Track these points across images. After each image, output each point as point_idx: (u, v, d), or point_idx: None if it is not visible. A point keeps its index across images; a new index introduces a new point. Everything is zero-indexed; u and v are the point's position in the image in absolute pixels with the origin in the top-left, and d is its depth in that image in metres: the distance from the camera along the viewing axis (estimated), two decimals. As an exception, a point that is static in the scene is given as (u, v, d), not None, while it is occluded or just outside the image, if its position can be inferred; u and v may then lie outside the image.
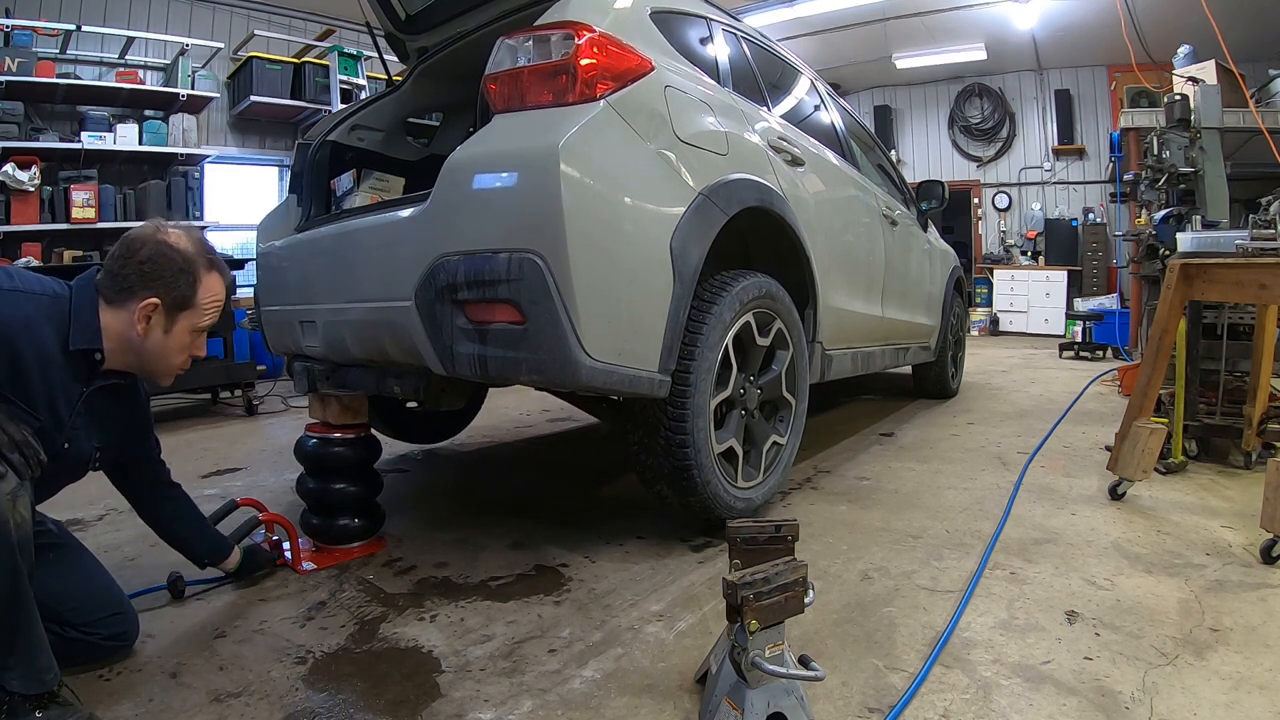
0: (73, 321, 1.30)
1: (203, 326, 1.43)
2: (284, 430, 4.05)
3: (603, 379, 1.63)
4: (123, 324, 1.34)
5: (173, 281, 1.35)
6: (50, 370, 1.27)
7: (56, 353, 1.28)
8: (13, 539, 1.10)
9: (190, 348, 1.43)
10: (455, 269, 1.63)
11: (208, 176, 6.31)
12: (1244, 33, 6.51)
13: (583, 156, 1.59)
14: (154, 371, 1.43)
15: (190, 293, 1.38)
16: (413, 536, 2.17)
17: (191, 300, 1.38)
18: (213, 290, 1.42)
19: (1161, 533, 2.07)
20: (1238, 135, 5.67)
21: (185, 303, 1.38)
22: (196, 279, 1.38)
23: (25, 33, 5.15)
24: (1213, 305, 2.95)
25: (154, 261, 1.34)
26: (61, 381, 1.30)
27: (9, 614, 1.12)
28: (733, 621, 1.11)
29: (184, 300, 1.37)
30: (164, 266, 1.35)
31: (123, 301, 1.33)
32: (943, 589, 1.71)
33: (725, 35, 2.45)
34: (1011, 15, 7.92)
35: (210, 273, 1.41)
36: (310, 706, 1.27)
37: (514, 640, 1.51)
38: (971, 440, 3.33)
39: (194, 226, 1.44)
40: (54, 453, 1.26)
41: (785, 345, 2.21)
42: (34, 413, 1.25)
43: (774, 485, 2.20)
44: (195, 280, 1.38)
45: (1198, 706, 1.21)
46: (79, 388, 1.35)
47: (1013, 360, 6.74)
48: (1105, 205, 9.27)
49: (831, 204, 2.70)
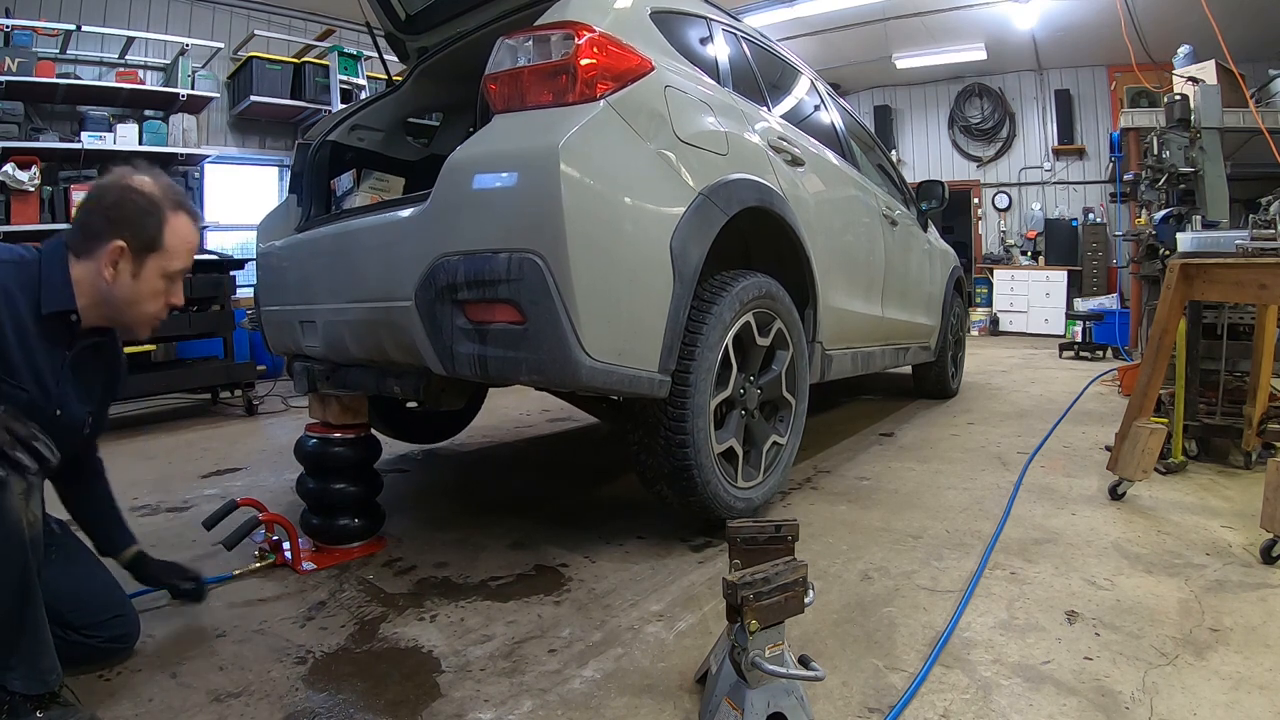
0: (43, 284, 1.27)
1: (174, 270, 1.37)
2: (284, 430, 4.05)
3: (603, 379, 1.63)
4: (93, 275, 1.30)
5: (139, 223, 1.31)
6: (28, 339, 1.25)
7: (31, 320, 1.26)
8: (25, 538, 1.10)
9: (165, 294, 1.38)
10: (455, 269, 1.63)
11: (208, 176, 6.31)
12: (1244, 33, 6.50)
13: (583, 156, 1.59)
14: (129, 322, 1.38)
15: (157, 233, 1.33)
16: (413, 536, 2.17)
17: (159, 241, 1.33)
18: (182, 232, 1.37)
19: (1161, 533, 2.07)
20: (1238, 135, 5.67)
21: (153, 244, 1.33)
22: (163, 219, 1.34)
23: (25, 33, 5.15)
24: (1213, 305, 2.95)
25: (119, 205, 1.31)
26: (42, 349, 1.28)
27: (18, 613, 1.12)
28: (733, 621, 1.11)
29: (151, 241, 1.33)
30: (129, 209, 1.32)
31: (91, 251, 1.30)
32: (943, 589, 1.71)
33: (725, 35, 2.45)
34: (1011, 15, 7.92)
35: (178, 214, 1.36)
36: (310, 706, 1.27)
37: (514, 640, 1.51)
38: (971, 440, 3.33)
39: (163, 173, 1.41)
40: (47, 423, 1.23)
41: (785, 345, 2.21)
42: (20, 386, 1.23)
43: (774, 485, 2.20)
44: (162, 221, 1.34)
45: (1198, 706, 1.21)
46: (61, 353, 1.32)
47: (1013, 360, 6.74)
48: (1105, 205, 9.27)
49: (831, 204, 2.70)
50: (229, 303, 4.69)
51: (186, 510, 2.50)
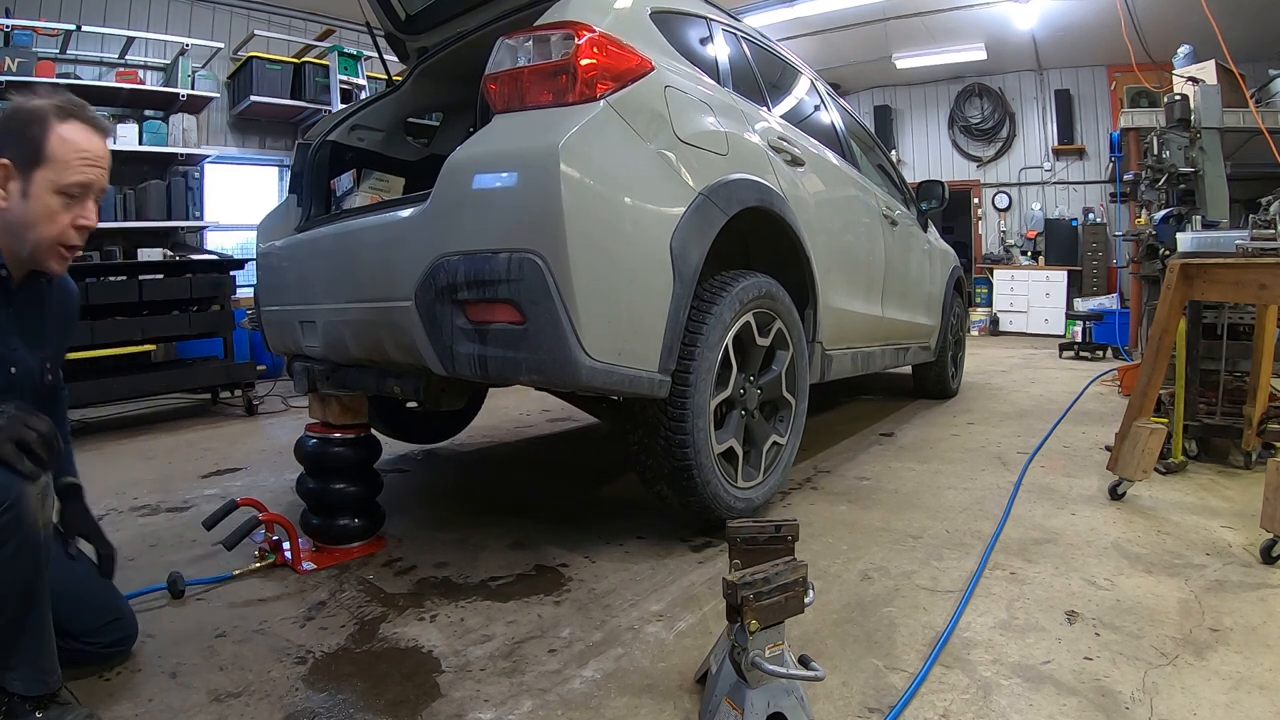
0: None
1: (68, 183, 1.23)
2: (284, 430, 4.04)
3: (603, 379, 1.63)
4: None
5: (19, 135, 1.21)
6: None
7: None
8: (40, 538, 1.10)
9: (65, 213, 1.24)
10: (455, 269, 1.63)
11: (208, 176, 6.31)
12: (1244, 33, 6.50)
13: (583, 156, 1.59)
14: (34, 252, 1.25)
15: (40, 143, 1.20)
16: (413, 536, 2.17)
17: (42, 153, 1.21)
18: (73, 140, 1.23)
19: (1161, 533, 2.07)
20: (1238, 135, 5.66)
21: (36, 156, 1.20)
22: (46, 128, 1.21)
23: (25, 33, 5.15)
24: (1213, 305, 2.95)
25: (3, 125, 1.23)
26: None
27: (25, 614, 1.11)
28: (733, 621, 1.11)
29: (34, 154, 1.20)
30: (10, 124, 1.22)
31: None
32: (943, 589, 1.71)
33: (725, 35, 2.45)
34: (1011, 15, 7.92)
35: (67, 122, 1.23)
36: (310, 706, 1.27)
37: (514, 640, 1.51)
38: (971, 440, 3.33)
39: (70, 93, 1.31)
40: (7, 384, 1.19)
41: (785, 345, 2.21)
42: None
43: (774, 485, 2.20)
44: (45, 130, 1.21)
45: (1198, 706, 1.21)
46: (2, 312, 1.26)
47: (1013, 360, 6.74)
48: (1105, 205, 9.26)
49: (831, 204, 2.70)
50: (229, 303, 4.69)
51: (186, 510, 2.50)
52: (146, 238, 5.59)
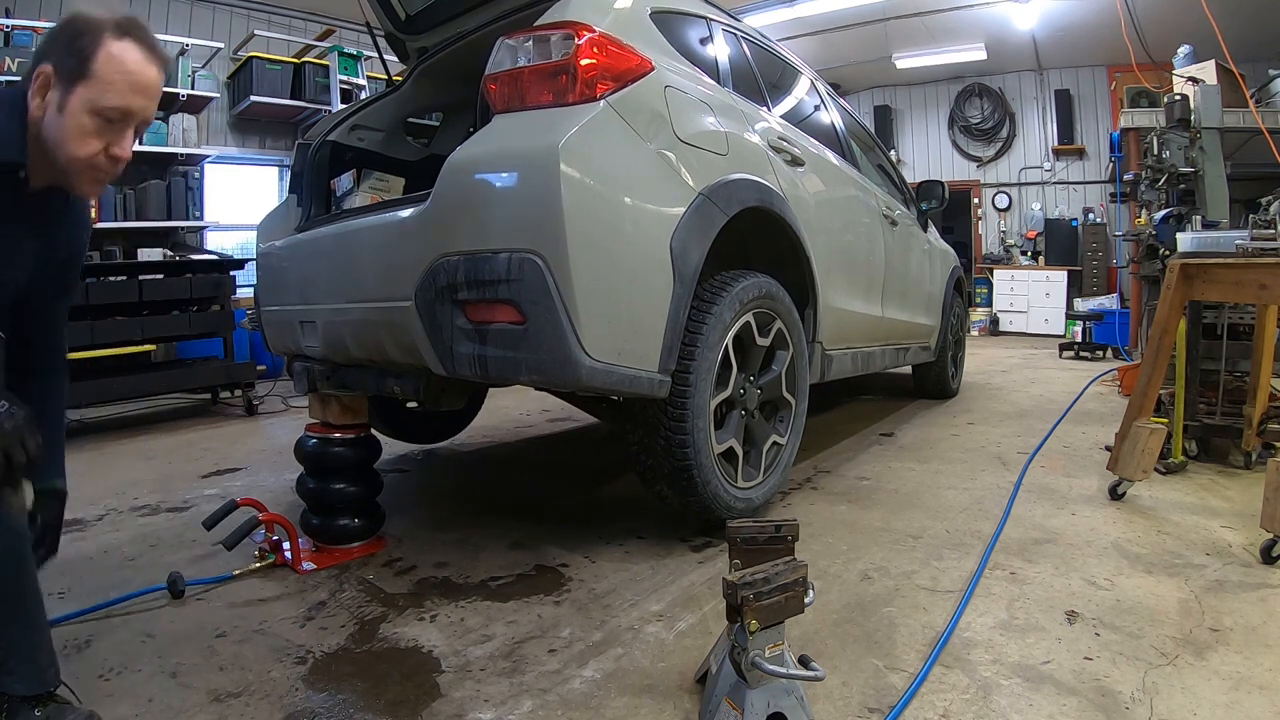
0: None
1: (106, 106, 1.13)
2: (284, 430, 4.04)
3: (603, 379, 1.63)
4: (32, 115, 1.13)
5: (69, 45, 1.12)
6: None
7: None
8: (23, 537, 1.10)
9: (97, 138, 1.14)
10: (455, 269, 1.63)
11: (208, 176, 6.31)
12: (1244, 33, 6.50)
13: (583, 156, 1.59)
14: (60, 167, 1.16)
15: (88, 57, 1.11)
16: (413, 536, 2.17)
17: (88, 68, 1.11)
18: (121, 61, 1.13)
19: (1161, 533, 2.07)
20: (1238, 135, 5.67)
21: (80, 70, 1.11)
22: (98, 41, 1.12)
23: (25, 33, 5.14)
24: (1213, 305, 2.95)
25: (57, 29, 1.14)
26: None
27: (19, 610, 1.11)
28: (733, 621, 1.11)
29: (79, 67, 1.11)
30: (63, 31, 1.13)
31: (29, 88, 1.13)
32: (943, 589, 1.71)
33: (725, 35, 2.45)
34: (1011, 15, 7.92)
35: (122, 40, 1.14)
36: (310, 706, 1.27)
37: (514, 640, 1.51)
38: (971, 440, 3.33)
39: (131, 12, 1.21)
40: None
41: (785, 345, 2.21)
42: None
43: (774, 485, 2.20)
44: (96, 43, 1.12)
45: (1198, 706, 1.21)
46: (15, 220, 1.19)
47: (1013, 360, 6.74)
48: (1105, 205, 9.27)
49: (831, 204, 2.70)
50: (229, 303, 4.69)
51: (186, 510, 2.50)
52: (146, 238, 5.59)
